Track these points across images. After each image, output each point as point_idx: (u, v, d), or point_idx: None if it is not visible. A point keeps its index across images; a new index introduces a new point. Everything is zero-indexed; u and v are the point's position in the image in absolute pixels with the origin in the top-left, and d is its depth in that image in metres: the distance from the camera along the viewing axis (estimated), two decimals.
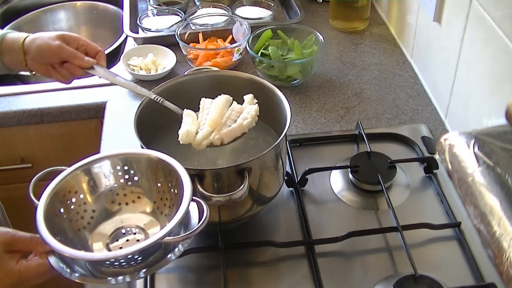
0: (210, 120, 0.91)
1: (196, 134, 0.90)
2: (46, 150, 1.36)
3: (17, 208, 1.35)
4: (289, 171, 1.07)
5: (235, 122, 0.92)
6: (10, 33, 1.05)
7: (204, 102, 0.95)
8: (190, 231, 0.73)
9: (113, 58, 1.46)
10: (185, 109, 0.93)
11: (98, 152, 1.15)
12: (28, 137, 1.33)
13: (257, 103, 0.94)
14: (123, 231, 0.83)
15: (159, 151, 0.83)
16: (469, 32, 1.05)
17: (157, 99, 0.95)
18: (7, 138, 1.32)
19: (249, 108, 0.93)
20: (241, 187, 0.82)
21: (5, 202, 1.22)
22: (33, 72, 1.06)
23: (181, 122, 0.93)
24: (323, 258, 0.92)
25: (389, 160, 1.06)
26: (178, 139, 0.89)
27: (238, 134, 0.91)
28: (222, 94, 0.95)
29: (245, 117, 0.92)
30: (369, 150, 1.07)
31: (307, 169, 1.05)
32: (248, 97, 0.95)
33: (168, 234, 0.71)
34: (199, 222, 0.75)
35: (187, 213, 0.78)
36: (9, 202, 1.29)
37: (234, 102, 0.95)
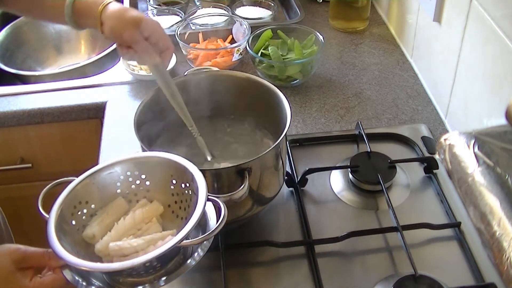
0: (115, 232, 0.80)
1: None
2: (46, 150, 1.36)
3: (17, 208, 1.35)
4: (289, 171, 1.07)
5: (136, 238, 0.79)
6: None
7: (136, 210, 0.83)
8: (208, 233, 0.71)
9: (113, 58, 1.46)
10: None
11: (98, 152, 1.15)
12: (28, 137, 1.33)
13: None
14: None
15: (165, 152, 0.82)
16: (469, 32, 1.05)
17: (193, 129, 0.95)
18: (7, 138, 1.32)
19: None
20: (241, 187, 0.82)
21: (5, 202, 1.22)
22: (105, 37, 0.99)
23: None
24: (323, 258, 0.92)
25: (389, 160, 1.06)
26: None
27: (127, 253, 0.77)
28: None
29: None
30: (369, 150, 1.07)
31: (307, 169, 1.04)
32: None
33: (185, 237, 0.69)
34: (217, 222, 0.72)
35: (204, 215, 0.75)
36: (9, 202, 1.29)
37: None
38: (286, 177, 1.00)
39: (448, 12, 1.14)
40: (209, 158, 0.97)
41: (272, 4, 1.54)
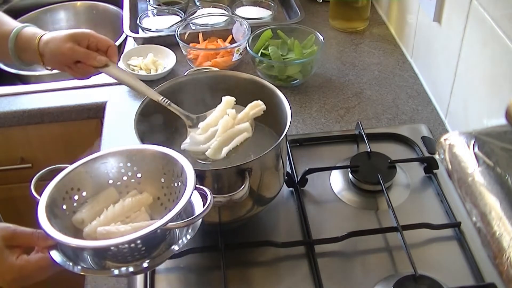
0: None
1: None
2: (46, 150, 1.36)
3: (16, 208, 1.35)
4: (289, 171, 1.07)
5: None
6: (24, 31, 1.04)
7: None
8: (193, 217, 0.73)
9: None
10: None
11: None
12: (28, 137, 1.33)
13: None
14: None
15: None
16: (469, 32, 1.05)
17: (164, 101, 0.95)
18: (7, 138, 1.32)
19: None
20: (242, 187, 0.82)
21: (4, 202, 1.22)
22: (51, 69, 1.07)
23: (187, 126, 0.94)
24: (323, 258, 0.92)
25: (389, 160, 1.06)
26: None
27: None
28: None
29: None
30: (369, 150, 1.07)
31: (307, 169, 1.05)
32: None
33: (171, 220, 0.71)
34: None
35: (191, 206, 0.77)
36: (9, 202, 1.29)
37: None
38: (286, 177, 1.00)
39: (448, 12, 1.14)
40: (192, 121, 0.97)
41: (272, 4, 1.54)
